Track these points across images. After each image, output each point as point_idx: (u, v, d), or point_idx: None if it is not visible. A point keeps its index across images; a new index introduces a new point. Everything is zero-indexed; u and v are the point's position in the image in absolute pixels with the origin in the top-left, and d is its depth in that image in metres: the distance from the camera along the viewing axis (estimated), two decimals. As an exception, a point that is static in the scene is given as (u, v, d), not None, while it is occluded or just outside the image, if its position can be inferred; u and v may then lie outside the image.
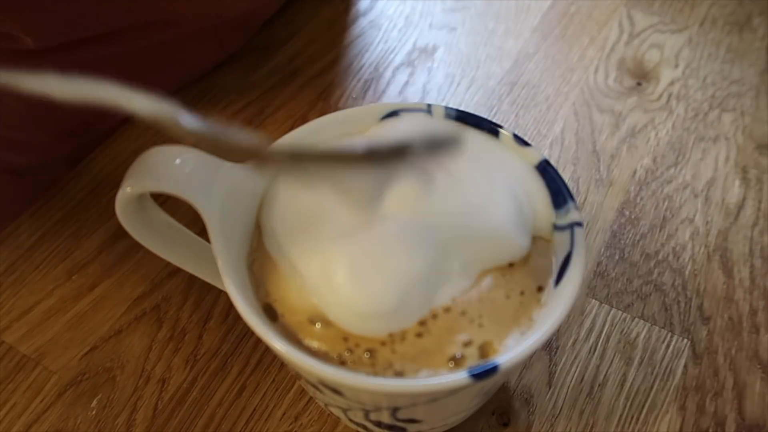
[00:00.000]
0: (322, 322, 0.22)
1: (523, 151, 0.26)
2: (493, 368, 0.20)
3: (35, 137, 0.35)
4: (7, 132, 0.34)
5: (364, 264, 0.22)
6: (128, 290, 0.33)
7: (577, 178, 0.38)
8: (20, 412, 0.29)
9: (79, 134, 0.38)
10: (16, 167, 0.36)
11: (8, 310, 0.33)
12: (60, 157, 0.38)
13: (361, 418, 0.24)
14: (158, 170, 0.23)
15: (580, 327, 0.32)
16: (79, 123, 0.37)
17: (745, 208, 0.36)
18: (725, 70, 0.44)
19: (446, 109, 0.27)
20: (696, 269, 0.34)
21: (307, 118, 0.41)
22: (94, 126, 0.39)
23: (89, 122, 0.38)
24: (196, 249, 0.27)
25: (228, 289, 0.22)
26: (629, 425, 0.29)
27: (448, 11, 0.49)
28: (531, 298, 0.23)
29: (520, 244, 0.23)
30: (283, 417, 0.29)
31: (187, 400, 0.30)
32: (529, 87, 0.43)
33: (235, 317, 0.32)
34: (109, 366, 0.31)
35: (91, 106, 0.17)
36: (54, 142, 0.36)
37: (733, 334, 0.31)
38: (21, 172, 0.36)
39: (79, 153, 0.40)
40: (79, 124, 0.38)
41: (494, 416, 0.29)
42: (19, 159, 0.36)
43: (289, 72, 0.45)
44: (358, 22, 0.48)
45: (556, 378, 0.30)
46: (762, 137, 0.40)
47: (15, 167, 0.36)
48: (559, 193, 0.25)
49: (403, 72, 0.44)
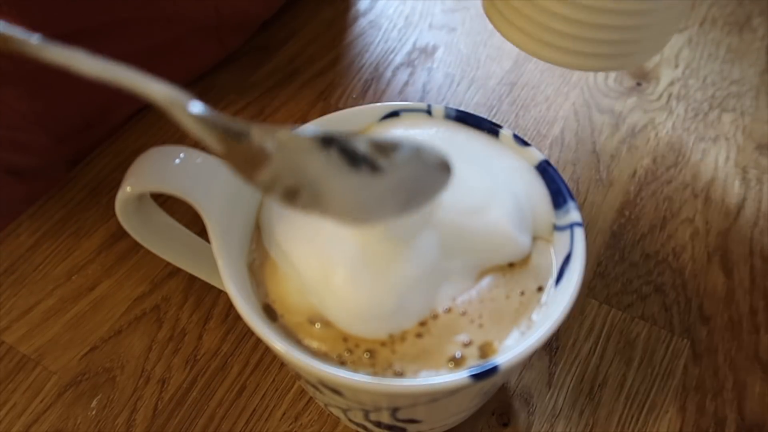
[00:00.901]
0: (321, 322, 0.22)
1: (523, 151, 0.26)
2: (492, 368, 0.20)
3: (36, 138, 0.35)
4: (8, 133, 0.34)
5: (363, 264, 0.22)
6: (128, 290, 0.33)
7: (577, 178, 0.38)
8: (20, 413, 0.29)
9: (80, 135, 0.38)
10: (17, 168, 0.36)
11: (8, 310, 0.33)
12: (61, 159, 0.39)
13: (361, 418, 0.24)
14: (158, 170, 0.23)
15: (580, 327, 0.32)
16: (80, 124, 0.37)
17: (745, 209, 0.36)
18: (725, 71, 0.44)
19: (446, 109, 0.27)
20: (696, 269, 0.34)
21: (307, 118, 0.41)
22: (95, 128, 0.39)
23: (90, 123, 0.38)
24: (196, 249, 0.27)
25: (228, 290, 0.22)
26: (629, 425, 0.29)
27: (447, 11, 0.49)
28: (531, 298, 0.23)
29: (520, 244, 0.23)
30: (283, 417, 0.29)
31: (187, 400, 0.30)
32: (529, 87, 0.43)
33: (235, 317, 0.32)
34: (109, 366, 0.31)
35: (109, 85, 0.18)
36: (55, 143, 0.36)
37: (733, 335, 0.31)
38: (22, 172, 0.36)
39: (80, 155, 0.40)
40: (81, 126, 0.38)
41: (494, 416, 0.29)
42: (20, 160, 0.36)
43: (289, 72, 0.45)
44: (358, 22, 0.48)
45: (556, 378, 0.30)
46: (762, 137, 0.40)
47: (16, 168, 0.36)
48: (559, 194, 0.25)
49: (403, 72, 0.44)
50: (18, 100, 0.33)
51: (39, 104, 0.34)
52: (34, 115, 0.34)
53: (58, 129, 0.36)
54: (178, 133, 0.41)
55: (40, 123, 0.35)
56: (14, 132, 0.34)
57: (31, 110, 0.34)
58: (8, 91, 0.33)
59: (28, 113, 0.34)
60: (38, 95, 0.34)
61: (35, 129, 0.35)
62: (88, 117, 0.38)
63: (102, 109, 0.38)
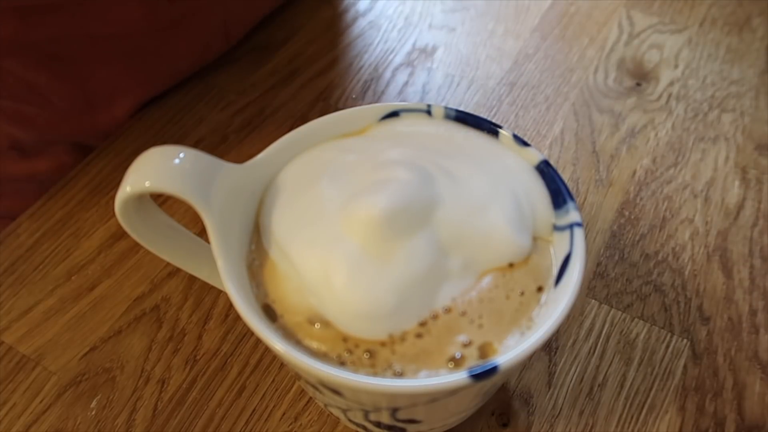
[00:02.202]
0: (321, 322, 0.22)
1: (522, 151, 0.26)
2: (492, 369, 0.20)
3: (40, 112, 0.35)
4: (12, 103, 0.34)
5: (363, 264, 0.22)
6: (128, 290, 0.33)
7: (576, 178, 0.38)
8: (20, 413, 0.29)
9: (82, 117, 0.38)
10: (20, 143, 0.36)
11: (8, 310, 0.33)
12: (63, 139, 0.38)
13: (361, 418, 0.24)
14: (158, 170, 0.23)
15: (579, 327, 0.32)
16: (83, 104, 0.37)
17: (745, 209, 0.36)
18: (725, 71, 0.44)
19: (446, 110, 0.27)
20: (696, 269, 0.34)
21: (307, 118, 0.41)
22: (98, 112, 0.39)
23: (93, 105, 0.38)
24: (196, 249, 0.27)
25: (227, 290, 0.22)
26: (629, 425, 0.29)
27: (447, 12, 0.49)
28: (531, 299, 0.23)
29: (520, 245, 0.23)
30: (282, 417, 0.29)
31: (186, 400, 0.30)
32: (528, 87, 0.43)
33: (234, 318, 0.32)
34: (108, 366, 0.31)
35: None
36: (59, 119, 0.36)
37: (733, 335, 0.31)
38: (25, 148, 0.36)
39: (84, 139, 0.39)
40: (84, 105, 0.37)
41: (494, 416, 0.29)
42: (24, 135, 0.35)
43: (289, 72, 0.45)
44: (357, 23, 0.48)
45: (555, 378, 0.30)
46: (761, 137, 0.40)
47: (19, 143, 0.36)
48: (559, 194, 0.25)
49: (403, 72, 0.44)
50: (22, 69, 0.33)
51: (43, 76, 0.34)
52: (38, 87, 0.34)
53: (61, 104, 0.36)
54: (178, 133, 0.41)
55: (44, 95, 0.35)
56: (18, 103, 0.34)
57: (35, 81, 0.34)
58: (13, 59, 0.32)
59: (32, 84, 0.34)
60: (42, 65, 0.34)
61: (39, 101, 0.35)
62: (92, 98, 0.37)
63: (106, 91, 0.38)
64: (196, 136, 0.41)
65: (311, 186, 0.24)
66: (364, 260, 0.22)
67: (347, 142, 0.27)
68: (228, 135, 0.41)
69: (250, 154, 0.25)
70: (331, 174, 0.25)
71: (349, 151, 0.26)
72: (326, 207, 0.23)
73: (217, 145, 0.40)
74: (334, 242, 0.22)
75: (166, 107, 0.43)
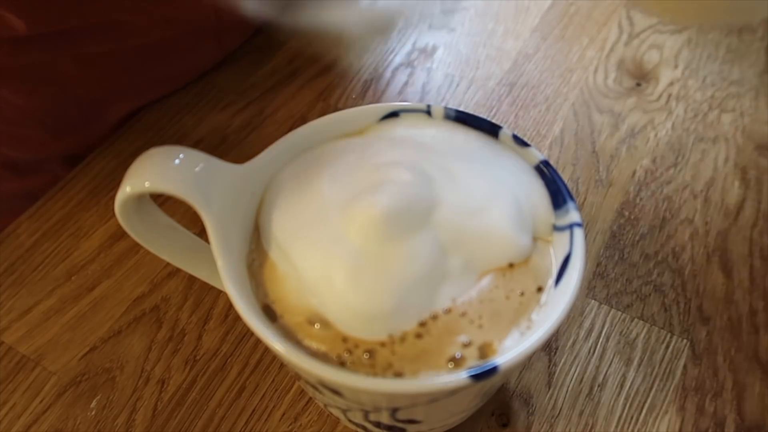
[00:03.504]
0: (321, 322, 0.22)
1: (522, 151, 0.26)
2: (492, 369, 0.20)
3: (33, 133, 0.35)
4: (5, 127, 0.34)
5: (363, 265, 0.22)
6: (128, 291, 0.33)
7: (576, 178, 0.38)
8: (20, 413, 0.29)
9: (77, 131, 0.38)
10: (14, 163, 0.36)
11: (8, 310, 0.33)
12: (58, 154, 0.38)
13: (361, 418, 0.24)
14: (158, 170, 0.23)
15: (579, 327, 0.32)
16: (77, 120, 0.37)
17: (745, 209, 0.36)
18: (725, 71, 0.44)
19: (446, 110, 0.27)
20: (695, 270, 0.34)
21: (306, 118, 0.41)
22: (93, 124, 0.39)
23: (87, 119, 0.38)
24: (196, 249, 0.27)
25: (227, 290, 0.22)
26: (629, 426, 0.29)
27: (447, 12, 0.49)
28: (531, 299, 0.23)
29: (520, 245, 0.23)
30: (282, 417, 0.29)
31: (186, 400, 0.30)
32: (528, 87, 0.43)
33: (234, 318, 0.32)
34: (108, 366, 0.31)
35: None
36: (52, 138, 0.36)
37: (733, 335, 0.31)
38: (19, 167, 0.36)
39: (78, 151, 0.40)
40: (78, 121, 0.37)
41: (494, 417, 0.29)
42: (17, 154, 0.36)
43: (288, 72, 0.45)
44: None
45: (555, 378, 0.30)
46: (761, 138, 0.40)
47: (14, 163, 0.36)
48: (559, 194, 0.25)
49: (403, 72, 0.44)
50: (15, 95, 0.33)
51: (36, 99, 0.34)
52: (30, 110, 0.34)
53: (55, 124, 0.36)
54: (178, 133, 0.41)
55: (37, 118, 0.35)
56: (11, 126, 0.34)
57: (28, 105, 0.34)
58: (5, 86, 0.33)
59: (25, 108, 0.34)
60: (35, 91, 0.34)
61: (32, 124, 0.35)
62: (85, 113, 0.38)
63: (99, 105, 0.38)
64: (196, 136, 0.41)
65: (311, 186, 0.24)
66: (364, 261, 0.22)
67: (347, 142, 0.27)
68: (228, 135, 0.41)
69: (250, 154, 0.25)
70: (331, 174, 0.25)
71: (349, 151, 0.26)
72: (326, 207, 0.23)
73: (217, 145, 0.40)
74: (334, 243, 0.22)
75: (166, 107, 0.43)
